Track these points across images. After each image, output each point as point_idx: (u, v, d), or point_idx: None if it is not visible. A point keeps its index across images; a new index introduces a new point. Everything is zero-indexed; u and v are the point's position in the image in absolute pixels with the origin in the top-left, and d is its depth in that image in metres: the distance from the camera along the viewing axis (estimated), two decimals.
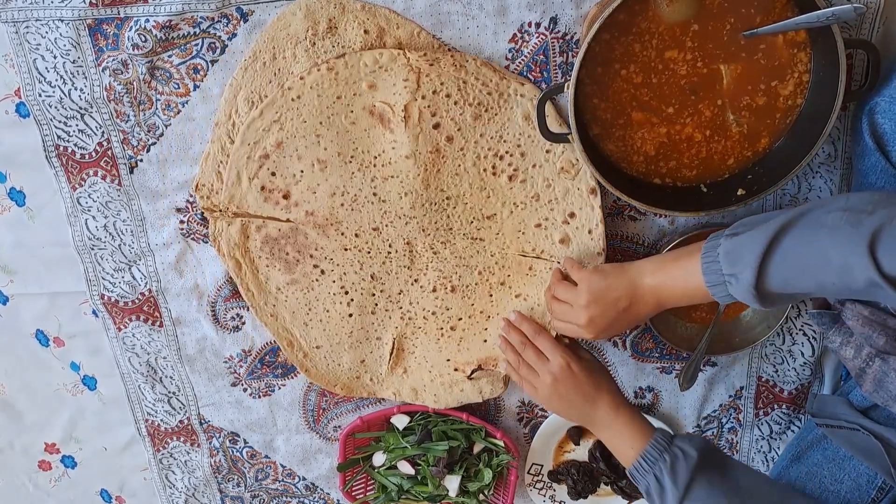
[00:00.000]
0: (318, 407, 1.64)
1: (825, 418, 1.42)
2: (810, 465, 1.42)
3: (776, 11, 1.21)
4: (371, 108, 1.34)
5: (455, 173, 1.38)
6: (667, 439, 1.25)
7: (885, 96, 1.19)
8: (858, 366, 1.29)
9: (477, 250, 1.44)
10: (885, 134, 1.19)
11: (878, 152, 1.21)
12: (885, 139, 1.20)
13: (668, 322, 1.48)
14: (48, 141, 1.42)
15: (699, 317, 1.49)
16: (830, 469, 1.39)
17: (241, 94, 1.35)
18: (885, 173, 1.21)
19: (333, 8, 1.29)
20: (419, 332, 1.51)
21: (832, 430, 1.39)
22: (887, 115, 1.18)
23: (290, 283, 1.47)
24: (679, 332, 1.49)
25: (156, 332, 1.58)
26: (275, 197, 1.40)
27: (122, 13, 1.31)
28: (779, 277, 1.04)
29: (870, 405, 1.36)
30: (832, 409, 1.42)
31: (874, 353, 1.26)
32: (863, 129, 1.23)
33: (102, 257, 1.52)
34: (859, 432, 1.33)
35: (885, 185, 1.21)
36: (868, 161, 1.23)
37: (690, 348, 1.47)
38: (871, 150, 1.21)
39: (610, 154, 1.31)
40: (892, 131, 1.18)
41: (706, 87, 1.26)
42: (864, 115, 1.22)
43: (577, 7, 1.28)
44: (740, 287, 1.07)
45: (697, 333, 1.48)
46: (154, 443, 1.72)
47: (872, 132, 1.22)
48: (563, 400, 1.36)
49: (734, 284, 1.08)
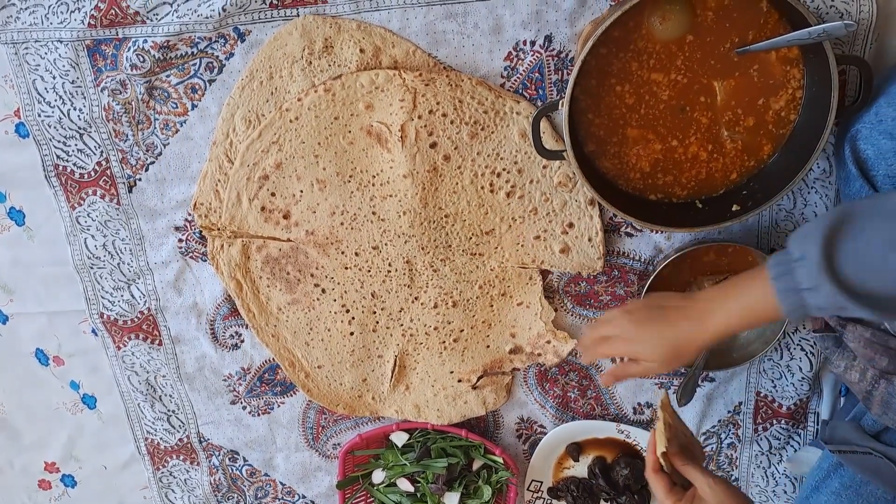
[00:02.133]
0: (318, 424, 1.64)
1: (838, 444, 1.41)
2: (828, 494, 1.40)
3: (769, 28, 1.22)
4: (368, 128, 1.35)
5: (453, 191, 1.38)
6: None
7: (866, 122, 1.19)
8: (865, 389, 1.28)
9: (476, 265, 1.45)
10: (868, 160, 1.19)
11: (862, 178, 1.20)
12: (868, 164, 1.19)
13: None
14: (47, 160, 1.43)
15: None
16: (849, 495, 1.37)
17: (239, 113, 1.36)
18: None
19: (329, 27, 1.30)
20: (421, 349, 1.52)
21: (846, 456, 1.38)
22: (869, 142, 1.18)
23: (292, 302, 1.48)
24: None
25: (155, 350, 1.59)
26: (275, 217, 1.41)
27: (120, 34, 1.32)
28: (851, 258, 0.97)
29: (881, 428, 1.35)
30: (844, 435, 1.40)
31: (878, 375, 1.25)
32: (845, 155, 1.22)
33: (101, 276, 1.52)
34: (871, 456, 1.32)
35: None
36: (853, 187, 1.22)
37: (687, 364, 1.47)
38: (855, 176, 1.21)
39: (606, 171, 1.32)
40: (875, 157, 1.18)
41: (700, 103, 1.27)
42: (846, 142, 1.23)
43: (571, 25, 1.29)
44: (809, 268, 0.99)
45: None
46: (154, 461, 1.72)
47: (855, 159, 1.21)
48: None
49: (802, 267, 1.00)
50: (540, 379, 1.56)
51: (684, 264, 1.43)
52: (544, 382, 1.57)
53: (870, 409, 1.29)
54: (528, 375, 1.56)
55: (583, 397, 1.58)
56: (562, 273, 1.46)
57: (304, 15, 1.30)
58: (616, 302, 1.49)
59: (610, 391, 1.57)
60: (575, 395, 1.58)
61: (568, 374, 1.56)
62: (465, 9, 1.28)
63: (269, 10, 1.30)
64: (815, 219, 1.03)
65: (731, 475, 1.64)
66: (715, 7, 1.21)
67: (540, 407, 1.59)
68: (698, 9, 1.21)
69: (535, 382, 1.57)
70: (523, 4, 1.27)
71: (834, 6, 1.22)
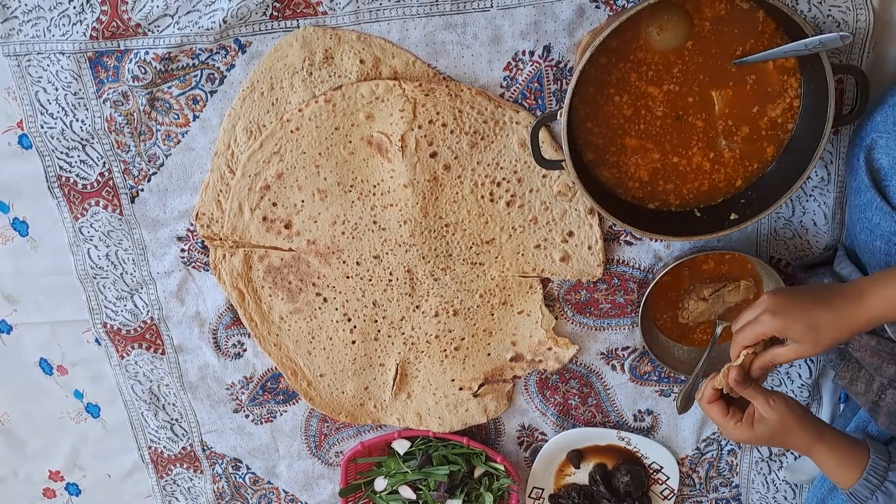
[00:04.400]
0: (320, 433, 1.64)
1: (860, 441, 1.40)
2: (840, 501, 1.39)
3: (766, 37, 1.22)
4: (369, 138, 1.35)
5: (453, 201, 1.39)
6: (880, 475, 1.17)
7: (883, 132, 1.18)
8: (871, 400, 1.28)
9: (477, 274, 1.45)
10: (882, 169, 1.19)
11: (874, 189, 1.20)
12: (882, 174, 1.19)
13: (664, 345, 1.49)
14: (50, 172, 1.43)
15: (697, 339, 1.49)
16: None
17: (240, 123, 1.37)
18: (880, 210, 1.19)
19: (329, 39, 1.31)
20: (422, 357, 1.52)
21: None
22: (885, 151, 1.18)
23: (294, 311, 1.49)
24: (676, 354, 1.50)
25: (158, 359, 1.59)
26: (277, 227, 1.42)
27: (122, 46, 1.33)
28: None
29: (887, 438, 1.34)
30: None
31: (885, 384, 1.25)
32: (859, 165, 1.22)
33: (104, 286, 1.53)
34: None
35: (880, 222, 1.19)
36: (864, 197, 1.22)
37: (688, 371, 1.47)
38: (867, 186, 1.20)
39: (605, 180, 1.32)
40: (890, 167, 1.17)
41: (698, 113, 1.27)
42: (860, 151, 1.22)
43: (570, 35, 1.29)
44: None
45: (694, 356, 1.49)
46: (157, 469, 1.73)
47: (869, 168, 1.21)
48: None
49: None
50: (541, 386, 1.57)
51: (683, 272, 1.43)
52: (545, 390, 1.57)
53: (876, 420, 1.28)
54: (528, 383, 1.57)
55: (583, 405, 1.59)
56: (562, 281, 1.47)
57: (304, 26, 1.31)
58: (616, 310, 1.49)
59: (611, 399, 1.57)
60: (576, 402, 1.58)
61: (569, 381, 1.56)
62: (464, 19, 1.29)
63: (269, 22, 1.31)
64: None
65: (731, 482, 1.64)
66: (712, 17, 1.21)
67: (541, 414, 1.60)
68: (695, 19, 1.22)
69: (535, 390, 1.57)
70: (522, 15, 1.28)
71: (831, 15, 1.23)
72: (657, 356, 1.46)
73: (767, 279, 1.43)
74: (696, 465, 1.64)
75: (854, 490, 1.17)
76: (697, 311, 1.46)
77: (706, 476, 1.65)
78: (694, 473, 1.65)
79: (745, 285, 1.43)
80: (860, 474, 1.16)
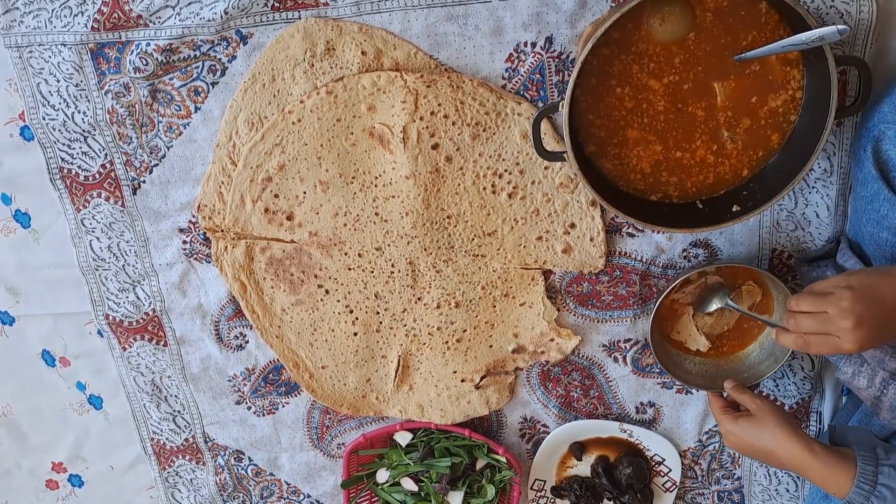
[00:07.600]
0: (322, 424, 1.64)
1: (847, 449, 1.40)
2: (839, 501, 1.39)
3: (769, 28, 1.22)
4: (370, 129, 1.35)
5: (455, 192, 1.39)
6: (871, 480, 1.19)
7: (892, 123, 1.17)
8: (873, 395, 1.27)
9: (479, 266, 1.45)
10: (890, 160, 1.18)
11: (882, 181, 1.19)
12: (890, 166, 1.19)
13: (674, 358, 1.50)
14: (52, 163, 1.43)
15: (709, 352, 1.51)
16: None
17: (242, 115, 1.37)
18: (888, 201, 1.19)
19: (331, 30, 1.31)
20: (424, 349, 1.52)
21: None
22: (893, 142, 1.17)
23: (296, 303, 1.49)
24: (686, 366, 1.50)
25: (160, 351, 1.59)
26: (278, 218, 1.42)
27: (123, 37, 1.33)
28: None
29: (889, 433, 1.34)
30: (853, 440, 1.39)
31: (888, 378, 1.24)
32: (866, 156, 1.21)
33: (107, 278, 1.53)
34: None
35: (888, 213, 1.19)
36: (870, 188, 1.21)
37: (698, 384, 1.48)
38: (875, 178, 1.20)
39: (606, 172, 1.32)
40: None
41: (700, 104, 1.27)
42: (867, 143, 1.21)
43: (571, 26, 1.29)
44: None
45: (705, 368, 1.50)
46: (160, 461, 1.73)
47: (876, 160, 1.20)
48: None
49: None
50: (543, 379, 1.57)
51: (687, 287, 1.46)
52: (547, 382, 1.57)
53: (878, 415, 1.28)
54: (530, 375, 1.57)
55: (585, 397, 1.59)
56: (564, 273, 1.47)
57: (305, 18, 1.30)
58: (618, 302, 1.49)
59: (613, 391, 1.57)
60: (578, 394, 1.58)
61: (571, 373, 1.56)
62: (465, 11, 1.29)
63: (270, 13, 1.31)
64: None
65: (733, 474, 1.64)
66: (714, 8, 1.21)
67: (543, 406, 1.60)
68: (697, 10, 1.21)
69: (538, 382, 1.57)
70: (524, 6, 1.28)
71: (834, 6, 1.23)
72: (666, 368, 1.46)
73: (776, 291, 1.42)
74: (699, 458, 1.64)
75: (850, 499, 1.19)
76: (707, 328, 1.47)
77: (708, 468, 1.65)
78: (696, 465, 1.65)
79: (746, 290, 1.45)
80: (852, 481, 1.19)
